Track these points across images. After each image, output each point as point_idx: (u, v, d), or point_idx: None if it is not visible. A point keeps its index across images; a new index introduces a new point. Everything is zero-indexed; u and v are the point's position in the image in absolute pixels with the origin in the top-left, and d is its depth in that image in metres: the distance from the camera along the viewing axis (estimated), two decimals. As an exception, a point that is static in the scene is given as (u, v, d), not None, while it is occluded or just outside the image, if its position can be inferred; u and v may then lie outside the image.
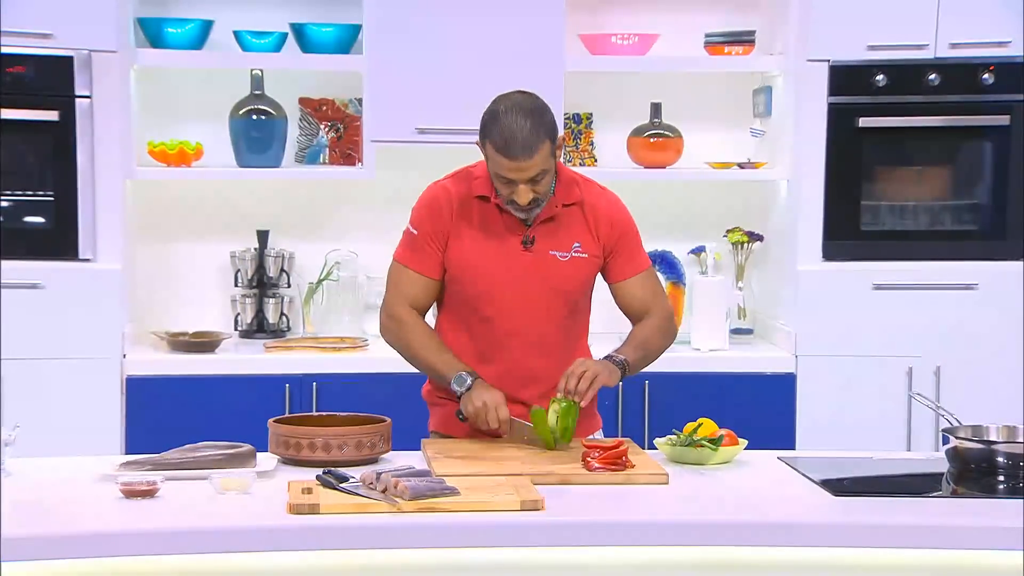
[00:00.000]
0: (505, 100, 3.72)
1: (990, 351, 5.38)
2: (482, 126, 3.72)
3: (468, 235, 3.81)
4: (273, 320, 5.70)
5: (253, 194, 5.78)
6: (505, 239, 3.81)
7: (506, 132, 3.65)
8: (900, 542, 3.18)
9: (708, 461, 3.66)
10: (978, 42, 5.39)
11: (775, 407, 5.39)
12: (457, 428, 3.87)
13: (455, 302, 3.87)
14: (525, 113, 3.66)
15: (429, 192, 3.88)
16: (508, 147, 3.65)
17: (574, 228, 3.84)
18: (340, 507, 3.17)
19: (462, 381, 3.75)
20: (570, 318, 3.88)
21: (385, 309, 3.89)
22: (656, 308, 3.92)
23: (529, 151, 3.65)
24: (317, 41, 5.54)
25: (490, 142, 3.68)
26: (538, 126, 3.66)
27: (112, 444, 5.10)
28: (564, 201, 3.83)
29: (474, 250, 3.81)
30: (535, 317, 3.82)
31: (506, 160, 3.66)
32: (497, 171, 3.70)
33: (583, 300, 3.91)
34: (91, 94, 5.22)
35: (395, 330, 3.87)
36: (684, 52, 5.76)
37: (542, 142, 3.66)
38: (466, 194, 3.83)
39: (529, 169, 3.67)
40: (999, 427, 3.69)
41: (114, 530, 3.07)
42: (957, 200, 5.59)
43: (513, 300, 3.81)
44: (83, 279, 5.23)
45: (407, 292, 3.86)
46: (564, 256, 3.83)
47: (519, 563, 3.18)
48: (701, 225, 5.87)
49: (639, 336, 3.90)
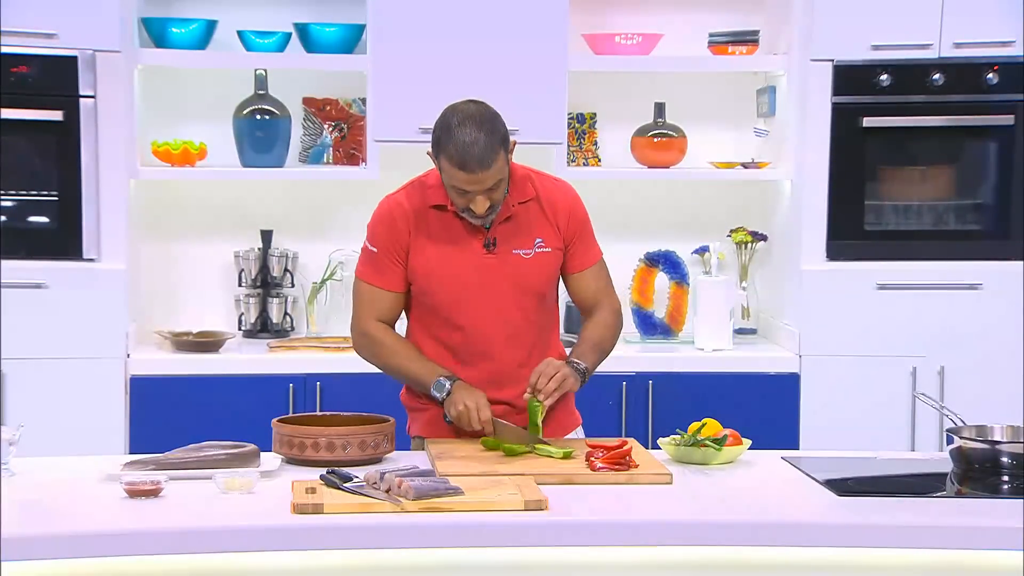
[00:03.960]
0: (456, 112, 3.68)
1: (994, 351, 5.38)
2: (435, 139, 3.68)
3: (429, 245, 3.79)
4: (277, 320, 5.70)
5: (257, 194, 5.79)
6: (467, 244, 3.80)
7: (460, 147, 3.62)
8: (904, 542, 3.18)
9: (712, 461, 3.66)
10: (982, 42, 5.39)
11: (779, 407, 5.38)
12: (438, 431, 3.86)
13: (424, 312, 3.86)
14: (478, 125, 3.63)
15: (383, 207, 3.86)
16: (464, 162, 3.62)
17: (534, 224, 3.83)
18: (344, 507, 3.16)
19: (441, 387, 3.75)
20: (540, 313, 3.88)
21: (355, 327, 3.89)
22: (606, 300, 3.93)
23: (486, 164, 3.63)
24: (321, 41, 5.54)
25: (444, 156, 3.65)
26: (492, 138, 3.63)
27: (116, 444, 5.10)
28: (519, 199, 3.82)
29: (437, 259, 3.79)
30: (506, 318, 3.82)
31: (462, 174, 3.64)
32: (453, 184, 3.68)
33: (551, 292, 3.91)
34: (95, 94, 5.23)
35: (368, 346, 3.88)
36: (688, 52, 5.76)
37: (497, 153, 3.64)
38: (421, 205, 3.81)
39: (486, 181, 3.65)
40: (1003, 427, 3.68)
41: (118, 530, 3.07)
42: (961, 200, 5.58)
43: (482, 304, 3.80)
44: (87, 279, 5.23)
45: (373, 308, 3.85)
46: (528, 253, 3.82)
47: (523, 563, 3.18)
48: (705, 225, 5.87)
49: (594, 338, 3.89)
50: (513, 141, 3.73)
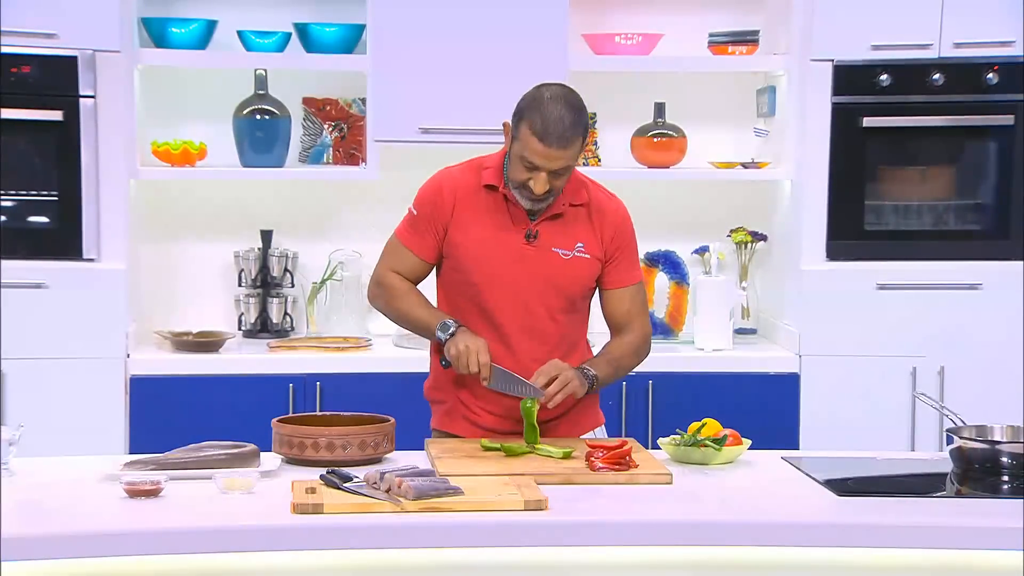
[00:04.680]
0: (549, 88, 3.72)
1: (994, 351, 5.38)
2: (520, 108, 3.71)
3: (473, 223, 3.81)
4: (277, 320, 5.70)
5: (257, 194, 5.79)
6: (509, 231, 3.81)
7: (547, 118, 3.64)
8: (904, 542, 3.18)
9: (712, 461, 3.66)
10: (982, 42, 5.39)
11: (779, 407, 5.38)
12: (459, 426, 3.88)
13: (454, 291, 3.88)
14: (568, 105, 3.67)
15: (436, 177, 3.89)
16: (546, 133, 3.64)
17: (579, 228, 3.84)
18: (344, 507, 3.17)
19: (446, 328, 3.77)
20: (567, 316, 3.87)
21: (374, 277, 3.93)
22: (637, 325, 3.92)
23: (565, 143, 3.65)
24: (321, 41, 5.54)
25: (527, 124, 3.67)
26: (577, 121, 3.67)
27: (116, 444, 5.10)
28: (572, 201, 3.83)
29: (477, 238, 3.81)
30: (532, 312, 3.82)
31: (540, 146, 3.65)
32: (525, 154, 3.68)
33: (581, 301, 3.90)
34: (95, 94, 5.23)
35: (383, 295, 3.91)
36: (688, 52, 5.76)
37: (577, 138, 3.67)
38: (474, 183, 3.83)
39: (558, 160, 3.67)
40: (1003, 427, 3.68)
41: (118, 530, 3.07)
42: (961, 200, 5.58)
43: (510, 292, 3.81)
44: (87, 279, 5.23)
45: (399, 266, 3.89)
46: (567, 254, 3.83)
47: (523, 563, 3.18)
48: (705, 225, 5.87)
49: (614, 353, 3.90)
50: (592, 134, 3.72)
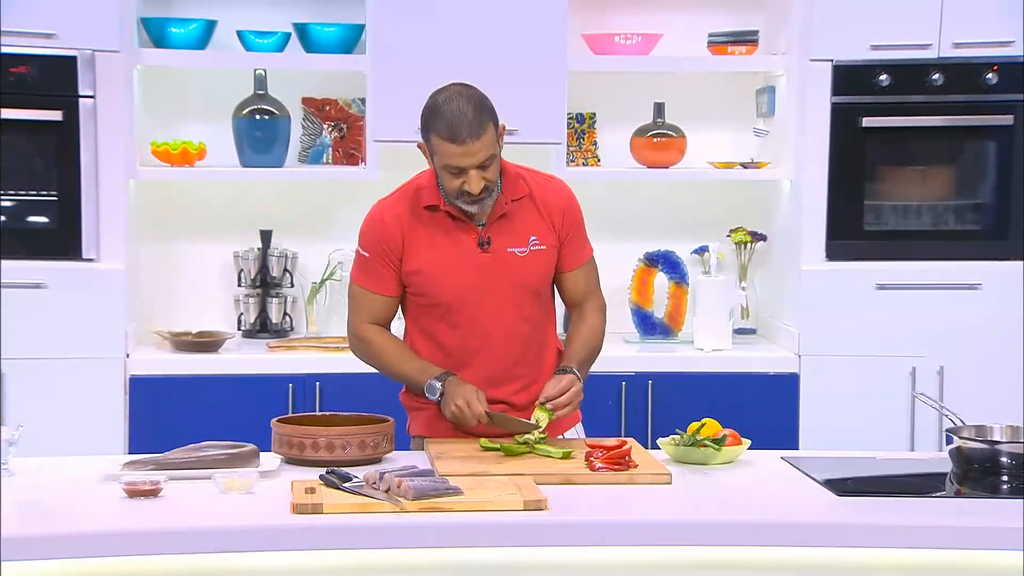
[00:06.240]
0: (441, 93, 3.73)
1: (993, 351, 5.38)
2: (423, 122, 3.72)
3: (423, 247, 3.80)
4: (276, 320, 5.70)
5: (256, 194, 5.79)
6: (461, 244, 3.80)
7: (450, 119, 3.65)
8: (903, 542, 3.18)
9: (711, 461, 3.66)
10: (981, 42, 5.39)
11: (778, 407, 5.38)
12: (438, 430, 3.87)
13: (421, 314, 3.86)
14: (465, 99, 3.68)
15: (373, 213, 3.88)
16: (454, 133, 3.64)
17: (528, 221, 3.83)
18: (343, 507, 3.17)
19: (433, 390, 3.76)
20: (536, 310, 3.88)
21: (350, 330, 3.91)
22: (593, 299, 3.94)
23: (475, 133, 3.64)
24: (320, 41, 5.54)
25: (435, 134, 3.68)
26: (480, 110, 3.67)
27: (115, 444, 5.10)
28: (512, 196, 3.82)
29: (432, 260, 3.79)
30: (503, 317, 3.82)
31: (454, 147, 3.65)
32: (446, 162, 3.68)
33: (546, 289, 3.91)
34: (94, 94, 5.22)
35: (363, 349, 3.90)
36: (687, 52, 5.76)
37: (487, 124, 3.66)
38: (413, 207, 3.82)
39: (477, 153, 3.66)
40: (1003, 427, 3.68)
41: (117, 530, 3.07)
42: (960, 200, 5.58)
43: (479, 304, 3.80)
44: (86, 279, 5.23)
45: (368, 311, 3.87)
46: (523, 251, 3.82)
47: (522, 563, 3.18)
48: (704, 225, 5.87)
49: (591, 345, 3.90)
50: (503, 125, 3.73)
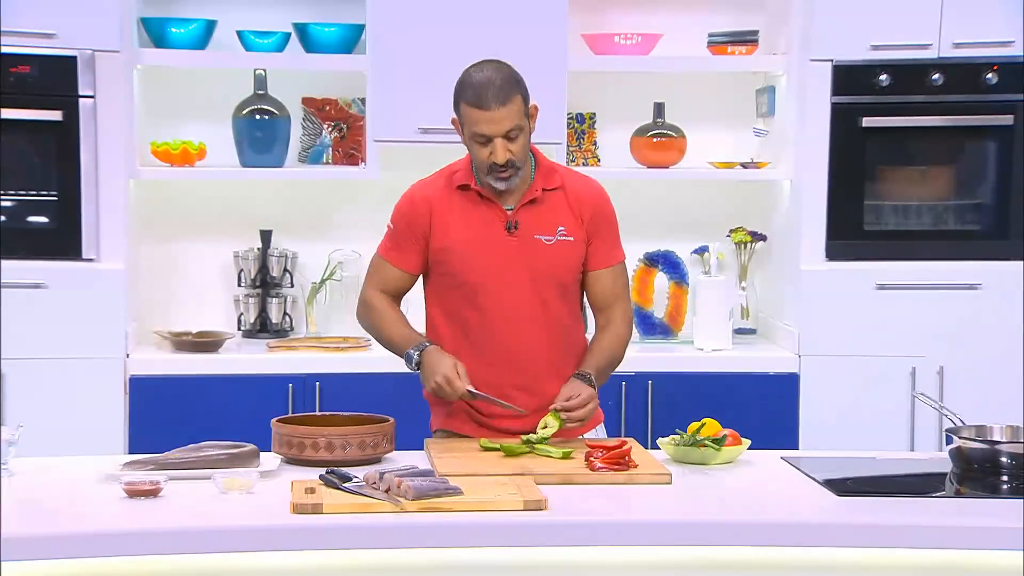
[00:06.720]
0: (475, 64, 3.80)
1: (993, 351, 5.38)
2: (455, 94, 3.78)
3: (452, 226, 3.84)
4: (276, 320, 5.70)
5: (256, 194, 5.79)
6: (489, 226, 3.84)
7: (478, 85, 3.71)
8: (903, 542, 3.18)
9: (711, 461, 3.66)
10: (981, 42, 5.39)
11: (778, 407, 5.38)
12: (462, 424, 3.89)
13: (444, 294, 3.90)
14: (494, 68, 3.76)
15: (408, 192, 3.94)
16: (481, 98, 3.70)
17: (558, 211, 3.86)
18: (343, 507, 3.16)
19: (410, 359, 3.83)
20: (560, 302, 3.89)
21: (361, 297, 3.99)
22: (619, 305, 3.93)
23: (502, 99, 3.69)
24: (320, 41, 5.54)
25: (464, 102, 3.74)
26: (509, 80, 3.73)
27: (115, 444, 5.10)
28: (545, 186, 3.86)
29: (459, 239, 3.84)
30: (524, 301, 3.84)
31: (480, 112, 3.70)
32: (473, 129, 3.73)
33: (572, 284, 3.91)
34: (95, 94, 5.23)
35: (366, 315, 3.97)
36: (687, 52, 5.76)
37: (514, 93, 3.72)
38: (446, 188, 3.87)
39: (503, 120, 3.70)
40: (1003, 427, 3.68)
41: (117, 530, 3.07)
42: (960, 200, 5.58)
43: (501, 286, 3.83)
44: (86, 279, 5.23)
45: (381, 280, 3.94)
46: (549, 240, 3.84)
47: (522, 563, 3.18)
48: (704, 225, 5.87)
49: (613, 354, 3.91)
50: (534, 105, 3.78)
